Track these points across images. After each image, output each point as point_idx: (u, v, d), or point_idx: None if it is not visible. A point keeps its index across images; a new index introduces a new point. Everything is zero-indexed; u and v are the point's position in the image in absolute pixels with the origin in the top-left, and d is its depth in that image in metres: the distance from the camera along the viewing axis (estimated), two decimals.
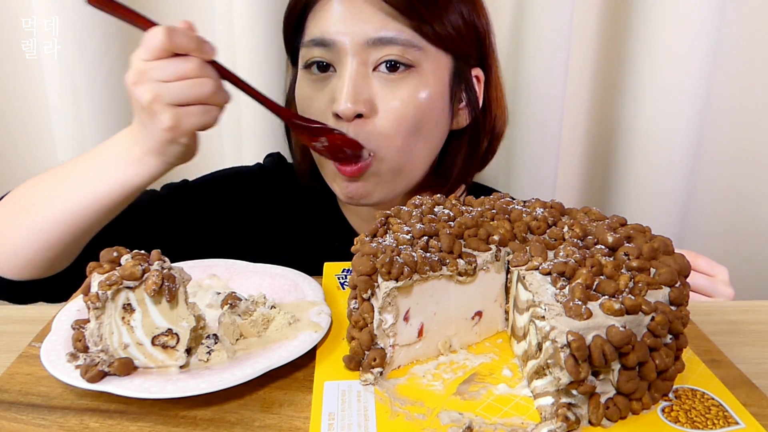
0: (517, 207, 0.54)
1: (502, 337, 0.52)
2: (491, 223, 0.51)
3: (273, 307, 0.52)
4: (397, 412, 0.42)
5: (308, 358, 0.48)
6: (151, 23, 0.61)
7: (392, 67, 0.71)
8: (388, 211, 0.53)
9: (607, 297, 0.41)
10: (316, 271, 0.62)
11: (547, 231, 0.50)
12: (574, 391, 0.40)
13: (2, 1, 1.06)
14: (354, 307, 0.47)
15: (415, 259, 0.45)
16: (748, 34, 1.10)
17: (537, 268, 0.45)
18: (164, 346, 0.46)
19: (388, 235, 0.49)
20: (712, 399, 0.43)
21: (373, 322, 0.45)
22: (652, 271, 0.43)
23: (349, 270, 0.62)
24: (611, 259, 0.44)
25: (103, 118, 1.06)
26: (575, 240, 0.47)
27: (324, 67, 0.73)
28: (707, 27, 1.03)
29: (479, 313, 0.51)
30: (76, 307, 0.53)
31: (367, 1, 0.70)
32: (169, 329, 0.46)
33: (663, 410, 0.42)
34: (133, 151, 0.64)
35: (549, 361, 0.41)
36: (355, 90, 0.70)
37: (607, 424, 0.41)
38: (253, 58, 1.01)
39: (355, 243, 0.49)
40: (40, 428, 0.42)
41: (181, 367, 0.46)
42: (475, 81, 0.79)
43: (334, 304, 0.55)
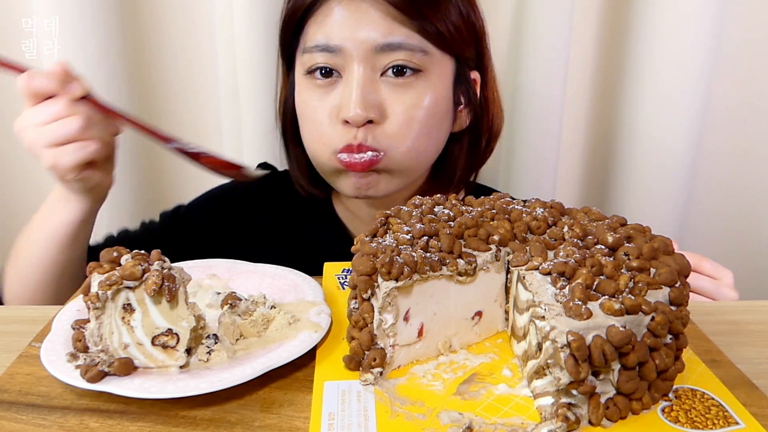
0: (517, 207, 0.54)
1: (502, 337, 0.52)
2: (491, 223, 0.51)
3: (273, 307, 0.52)
4: (397, 412, 0.42)
5: (308, 358, 0.48)
6: (22, 69, 0.63)
7: (399, 72, 0.71)
8: (388, 211, 0.53)
9: (607, 297, 0.40)
10: (314, 275, 0.62)
11: (547, 231, 0.50)
12: (574, 391, 0.40)
13: (2, 1, 1.06)
14: (354, 307, 0.47)
15: (415, 259, 0.45)
16: (749, 35, 1.10)
17: (537, 268, 0.45)
18: (164, 346, 0.46)
19: (388, 235, 0.49)
20: (712, 399, 0.43)
21: (373, 322, 0.45)
22: (652, 271, 0.43)
23: (349, 270, 0.62)
24: (611, 259, 0.44)
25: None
26: (575, 240, 0.47)
27: (327, 73, 0.72)
28: (707, 27, 1.03)
29: (479, 313, 0.51)
30: (76, 307, 0.53)
31: (372, 6, 0.70)
32: (169, 329, 0.46)
33: (663, 410, 0.42)
34: (58, 194, 0.71)
35: (549, 361, 0.41)
36: (364, 96, 0.70)
37: (607, 424, 0.41)
38: (253, 59, 1.01)
39: (355, 243, 0.49)
40: (40, 428, 0.42)
41: (181, 367, 0.46)
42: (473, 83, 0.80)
43: (334, 304, 0.55)
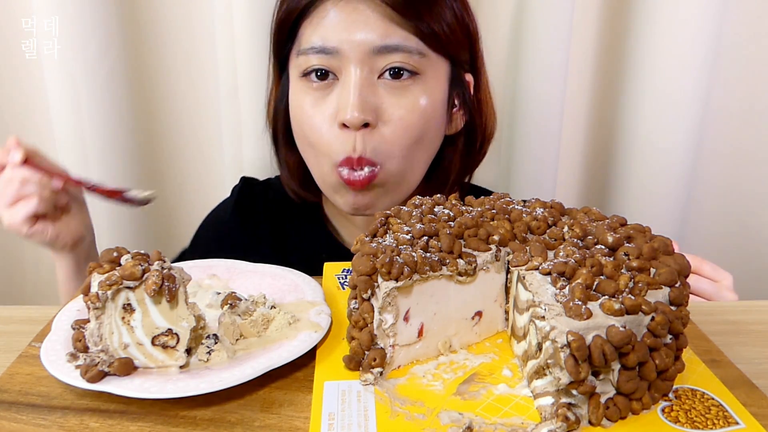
0: (517, 207, 0.54)
1: (502, 337, 0.52)
2: (491, 223, 0.51)
3: (273, 307, 0.52)
4: (397, 412, 0.42)
5: (308, 358, 0.48)
6: None
7: (396, 74, 0.70)
8: (388, 211, 0.53)
9: (607, 297, 0.40)
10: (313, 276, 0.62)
11: (547, 231, 0.50)
12: (574, 391, 0.40)
13: (2, 1, 1.06)
14: (354, 307, 0.47)
15: (415, 259, 0.45)
16: (749, 35, 1.10)
17: (537, 268, 0.45)
18: (164, 346, 0.46)
19: (388, 235, 0.49)
20: (712, 399, 0.43)
21: (373, 322, 0.45)
22: (652, 271, 0.43)
23: (349, 270, 0.62)
24: (611, 259, 0.44)
25: (103, 118, 1.06)
26: (575, 240, 0.47)
27: (323, 75, 0.72)
28: (707, 27, 1.03)
29: (479, 313, 0.51)
30: (76, 307, 0.53)
31: (369, 7, 0.69)
32: (169, 329, 0.46)
33: (663, 410, 0.42)
34: (52, 255, 0.81)
35: (549, 361, 0.41)
36: (362, 98, 0.69)
37: (607, 424, 0.41)
38: (253, 59, 1.01)
39: (355, 243, 0.49)
40: (40, 428, 0.42)
41: (181, 367, 0.46)
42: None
43: (334, 304, 0.55)
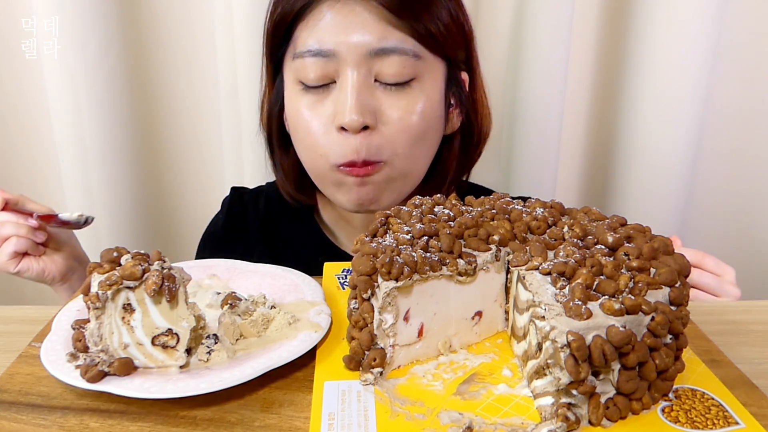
0: (517, 207, 0.54)
1: (502, 337, 0.52)
2: (491, 223, 0.51)
3: (273, 307, 0.52)
4: (397, 412, 0.42)
5: (308, 358, 0.48)
6: None
7: (394, 77, 0.70)
8: (388, 211, 0.53)
9: (607, 297, 0.40)
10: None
11: (547, 231, 0.50)
12: (574, 391, 0.40)
13: (2, 1, 1.06)
14: (354, 307, 0.47)
15: (415, 259, 0.44)
16: (749, 35, 1.10)
17: (537, 268, 0.45)
18: (164, 346, 0.46)
19: (388, 235, 0.49)
20: (712, 399, 0.43)
21: (373, 322, 0.45)
22: (652, 271, 0.43)
23: (349, 270, 0.62)
24: (611, 259, 0.44)
25: (103, 118, 1.06)
26: (575, 240, 0.47)
27: (320, 78, 0.71)
28: (707, 28, 1.03)
29: (479, 313, 0.51)
30: (76, 307, 0.53)
31: (365, 9, 0.69)
32: (169, 329, 0.46)
33: (663, 410, 0.42)
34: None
35: (549, 361, 0.41)
36: (360, 101, 0.69)
37: (607, 424, 0.41)
38: (253, 59, 1.01)
39: (355, 243, 0.49)
40: (40, 428, 0.42)
41: (181, 367, 0.46)
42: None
43: (334, 304, 0.55)
